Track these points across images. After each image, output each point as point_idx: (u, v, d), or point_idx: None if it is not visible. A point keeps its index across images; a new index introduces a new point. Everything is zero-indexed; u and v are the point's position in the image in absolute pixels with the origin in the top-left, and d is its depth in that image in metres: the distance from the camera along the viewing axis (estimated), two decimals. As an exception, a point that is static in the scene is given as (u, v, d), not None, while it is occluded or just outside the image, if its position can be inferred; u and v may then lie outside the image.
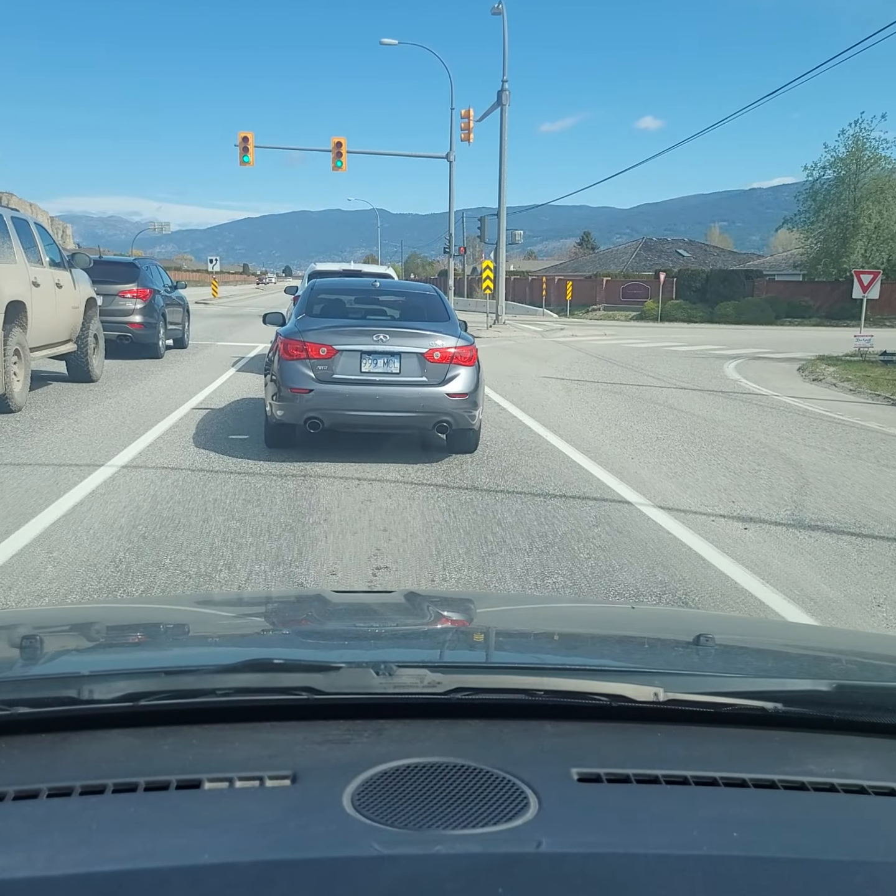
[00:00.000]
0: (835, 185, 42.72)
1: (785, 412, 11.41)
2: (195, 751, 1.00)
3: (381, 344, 7.05)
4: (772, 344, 25.23)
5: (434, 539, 5.14)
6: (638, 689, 1.09)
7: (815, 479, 7.20)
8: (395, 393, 7.05)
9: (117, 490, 5.93)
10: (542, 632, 1.71)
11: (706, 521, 5.78)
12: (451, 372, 7.13)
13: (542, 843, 0.80)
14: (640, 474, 7.17)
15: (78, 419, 8.78)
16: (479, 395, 7.40)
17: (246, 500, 5.82)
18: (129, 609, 2.16)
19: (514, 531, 5.32)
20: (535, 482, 6.69)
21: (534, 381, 14.09)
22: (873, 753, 1.09)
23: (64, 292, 10.55)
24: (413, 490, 6.35)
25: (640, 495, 6.36)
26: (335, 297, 8.37)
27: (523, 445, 8.24)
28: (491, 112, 29.54)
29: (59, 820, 0.84)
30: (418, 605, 1.85)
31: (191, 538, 4.91)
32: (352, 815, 0.84)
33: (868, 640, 2.17)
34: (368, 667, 1.09)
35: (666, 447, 8.47)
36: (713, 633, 1.47)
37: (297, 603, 2.08)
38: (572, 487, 6.57)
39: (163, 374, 13.08)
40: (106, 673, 1.13)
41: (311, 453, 7.35)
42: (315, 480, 6.51)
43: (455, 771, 0.92)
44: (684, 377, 15.40)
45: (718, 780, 0.95)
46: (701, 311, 41.53)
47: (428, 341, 7.17)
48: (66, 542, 4.76)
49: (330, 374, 7.01)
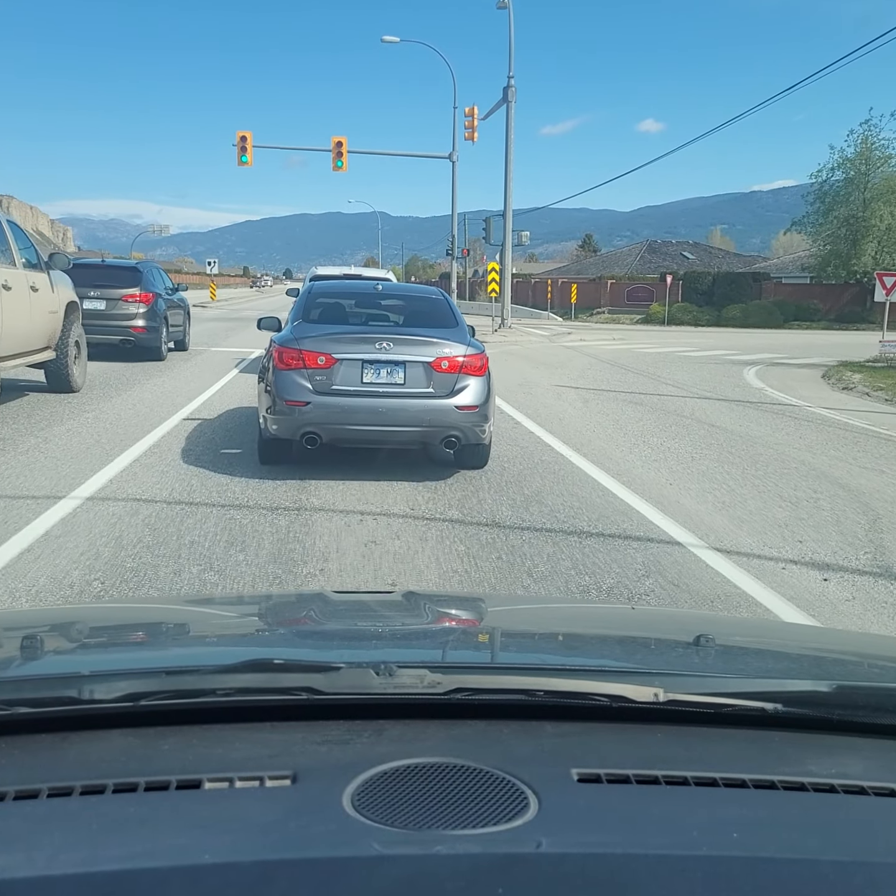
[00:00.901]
0: (844, 186, 41.87)
1: (824, 426, 10.50)
2: (195, 751, 0.99)
3: (384, 352, 6.40)
4: (786, 349, 24.32)
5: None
6: (638, 689, 1.07)
7: (885, 511, 6.28)
8: (400, 406, 6.39)
9: (76, 531, 5.00)
10: (542, 632, 1.71)
11: (775, 568, 4.87)
12: (460, 382, 6.46)
13: (541, 843, 0.80)
14: (684, 505, 6.26)
15: (47, 438, 7.83)
16: (490, 407, 6.71)
17: (228, 542, 4.90)
18: (130, 609, 2.20)
19: (549, 584, 4.41)
20: (565, 515, 5.78)
21: (547, 390, 13.20)
22: (873, 754, 1.07)
23: (40, 296, 9.68)
24: (425, 528, 5.42)
25: (689, 533, 5.45)
26: (334, 301, 7.64)
27: (545, 468, 7.34)
28: (496, 109, 28.69)
29: (60, 819, 0.84)
30: (418, 605, 1.85)
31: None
32: (352, 816, 0.83)
33: (868, 641, 2.15)
34: (368, 667, 1.08)
35: (704, 469, 7.56)
36: (713, 633, 1.45)
37: (298, 603, 2.08)
38: (610, 523, 5.66)
39: (150, 384, 12.13)
40: (106, 673, 1.12)
41: (308, 473, 6.62)
42: (311, 515, 5.59)
43: (455, 771, 0.92)
44: (705, 385, 14.50)
45: (718, 781, 0.95)
46: (707, 314, 40.48)
47: (435, 349, 6.50)
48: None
49: (329, 386, 6.37)
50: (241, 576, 4.35)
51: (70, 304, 10.80)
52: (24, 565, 4.38)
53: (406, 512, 5.77)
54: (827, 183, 42.14)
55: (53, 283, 10.16)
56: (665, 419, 10.49)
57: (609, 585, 4.42)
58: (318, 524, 5.38)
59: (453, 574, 4.53)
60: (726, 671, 1.35)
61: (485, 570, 4.62)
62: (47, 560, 4.47)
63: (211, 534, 5.03)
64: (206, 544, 4.83)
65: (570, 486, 6.65)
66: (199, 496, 5.89)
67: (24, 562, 4.44)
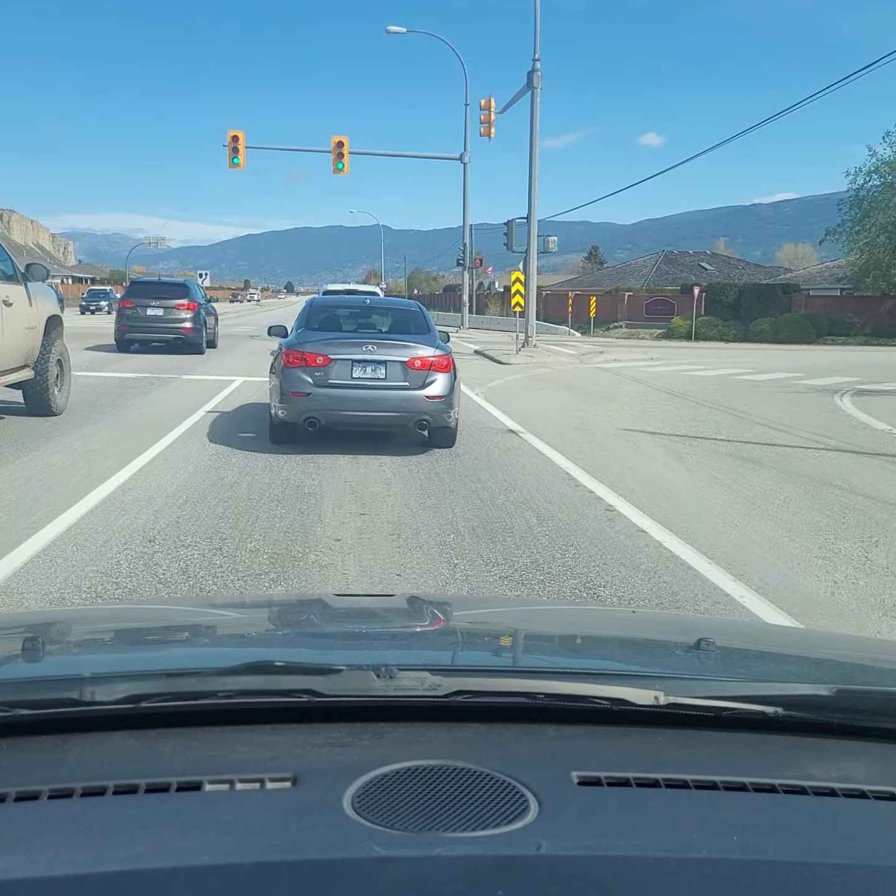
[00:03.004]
0: (882, 190, 39.04)
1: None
2: (196, 753, 0.99)
3: (369, 354, 8.01)
4: (855, 369, 20.89)
5: None
6: (638, 692, 1.07)
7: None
8: (382, 395, 7.98)
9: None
10: (542, 635, 1.71)
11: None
12: (429, 377, 8.02)
13: (541, 845, 0.80)
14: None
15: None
16: (455, 397, 8.29)
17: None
18: (131, 611, 2.21)
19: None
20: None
21: (615, 437, 10.05)
22: (873, 758, 1.07)
23: (15, 310, 8.72)
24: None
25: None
26: (330, 312, 9.29)
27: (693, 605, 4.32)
28: (518, 98, 25.43)
29: (61, 821, 0.84)
30: (419, 608, 1.86)
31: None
32: (352, 818, 0.84)
33: (868, 645, 2.14)
34: (369, 669, 1.08)
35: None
36: (714, 637, 1.43)
37: (299, 606, 2.09)
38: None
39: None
40: (108, 675, 1.11)
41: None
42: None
43: (455, 774, 0.92)
44: (809, 425, 11.32)
45: (718, 784, 0.95)
46: (734, 328, 36.88)
47: (410, 351, 8.10)
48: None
49: (326, 380, 7.94)
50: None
51: (51, 318, 9.80)
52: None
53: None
54: (863, 188, 39.34)
55: (31, 297, 9.24)
56: (816, 495, 7.11)
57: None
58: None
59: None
60: (727, 675, 1.36)
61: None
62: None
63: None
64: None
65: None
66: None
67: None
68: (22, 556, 4.65)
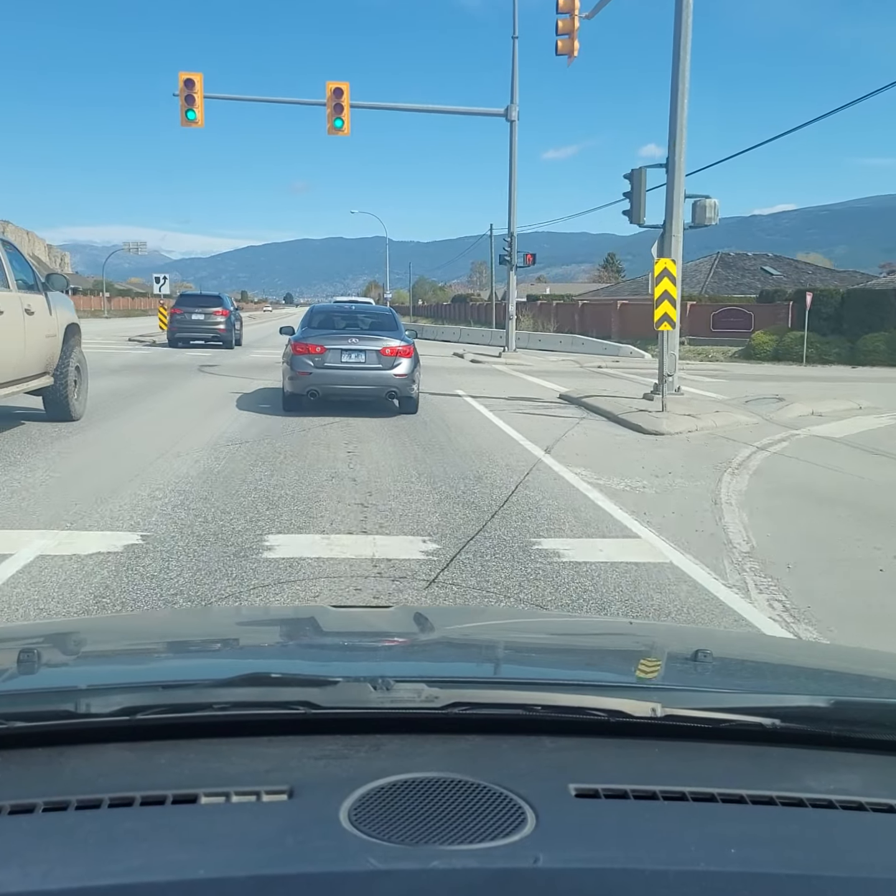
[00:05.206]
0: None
1: None
2: (192, 765, 0.99)
3: (354, 344, 11.51)
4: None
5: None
6: (636, 704, 1.07)
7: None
8: (362, 375, 11.47)
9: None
10: (540, 646, 1.71)
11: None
12: (396, 361, 11.46)
13: (539, 858, 0.80)
14: None
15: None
16: (416, 374, 11.73)
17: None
18: (127, 623, 2.25)
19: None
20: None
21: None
22: (871, 770, 1.07)
23: (36, 319, 8.93)
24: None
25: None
26: (326, 315, 13.24)
27: None
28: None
29: (56, 834, 0.84)
30: (416, 620, 1.88)
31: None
32: (349, 830, 0.83)
33: (866, 657, 2.16)
34: (366, 681, 1.08)
35: None
36: (711, 648, 1.44)
37: (295, 618, 2.11)
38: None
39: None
40: (103, 687, 1.11)
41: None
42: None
43: (452, 786, 0.92)
44: None
45: (716, 796, 0.94)
46: (836, 345, 28.49)
47: (382, 343, 11.56)
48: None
49: (322, 363, 11.34)
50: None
51: (70, 326, 10.06)
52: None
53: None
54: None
55: (51, 306, 9.50)
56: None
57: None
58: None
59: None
60: (724, 686, 1.35)
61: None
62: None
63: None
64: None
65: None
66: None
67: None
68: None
